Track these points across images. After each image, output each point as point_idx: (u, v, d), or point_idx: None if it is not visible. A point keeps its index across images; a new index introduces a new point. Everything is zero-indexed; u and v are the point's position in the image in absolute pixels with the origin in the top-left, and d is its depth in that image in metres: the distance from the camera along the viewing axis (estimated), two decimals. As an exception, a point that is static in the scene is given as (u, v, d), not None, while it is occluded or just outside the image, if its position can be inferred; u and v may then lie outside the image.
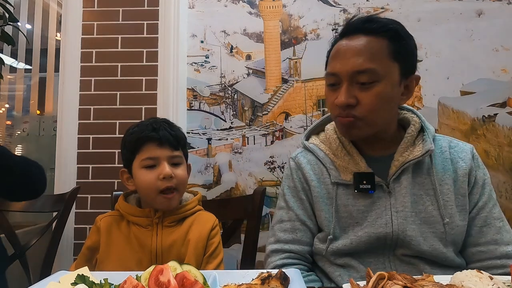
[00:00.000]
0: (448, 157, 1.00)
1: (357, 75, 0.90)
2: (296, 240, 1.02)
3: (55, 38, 2.87)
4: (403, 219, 0.94)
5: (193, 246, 1.06)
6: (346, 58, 0.91)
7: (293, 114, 2.06)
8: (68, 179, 1.97)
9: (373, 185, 0.96)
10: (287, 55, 2.09)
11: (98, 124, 2.02)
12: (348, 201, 0.98)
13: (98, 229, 1.08)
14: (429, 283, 0.63)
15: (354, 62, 0.90)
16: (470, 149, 1.02)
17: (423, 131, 1.01)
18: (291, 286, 0.69)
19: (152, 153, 1.04)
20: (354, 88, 0.91)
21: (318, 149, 1.05)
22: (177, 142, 1.07)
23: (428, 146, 0.96)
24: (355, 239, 0.96)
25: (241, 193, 2.01)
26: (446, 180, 0.97)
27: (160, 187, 1.03)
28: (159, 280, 0.64)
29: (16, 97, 3.06)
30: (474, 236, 0.96)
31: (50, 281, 0.71)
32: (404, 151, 0.97)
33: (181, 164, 1.09)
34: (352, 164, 0.99)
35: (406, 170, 0.96)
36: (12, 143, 3.00)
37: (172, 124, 1.12)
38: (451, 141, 1.05)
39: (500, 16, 2.00)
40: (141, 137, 1.05)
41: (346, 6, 2.08)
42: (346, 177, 0.99)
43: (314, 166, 1.04)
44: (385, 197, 0.96)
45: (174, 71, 2.03)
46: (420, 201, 0.96)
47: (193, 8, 2.13)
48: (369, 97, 0.90)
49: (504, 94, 1.97)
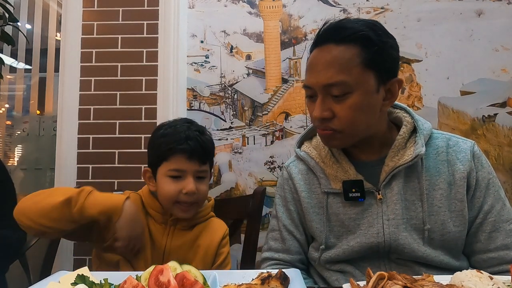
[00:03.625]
0: (444, 159, 0.95)
1: (329, 88, 0.87)
2: (285, 249, 1.03)
3: (55, 38, 2.87)
4: (394, 228, 0.91)
5: (202, 253, 1.07)
6: (317, 70, 0.88)
7: (293, 114, 2.06)
8: (68, 179, 1.97)
9: (362, 192, 0.93)
10: (287, 55, 2.09)
11: (98, 124, 2.02)
12: (339, 210, 0.96)
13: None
14: (429, 283, 0.63)
15: (324, 75, 0.87)
16: (469, 148, 0.95)
17: (416, 131, 0.95)
18: (291, 286, 0.69)
19: (180, 165, 1.03)
20: (329, 100, 0.88)
21: (309, 157, 1.03)
22: (207, 155, 1.06)
23: (418, 150, 0.91)
24: (347, 249, 0.94)
25: (241, 193, 2.01)
26: (440, 184, 0.92)
27: (180, 199, 1.03)
28: (159, 280, 0.64)
29: (16, 97, 3.06)
30: (483, 242, 0.92)
31: (50, 281, 0.71)
32: (395, 155, 0.93)
33: (206, 178, 1.08)
34: (341, 172, 0.96)
35: (397, 175, 0.92)
36: (12, 143, 3.00)
37: (204, 133, 1.09)
38: (449, 139, 0.98)
39: (500, 16, 2.00)
40: (172, 147, 1.03)
41: (346, 6, 2.08)
42: (335, 185, 0.96)
43: (305, 176, 1.03)
44: (377, 204, 0.94)
45: (174, 71, 2.03)
46: (411, 207, 0.92)
47: (193, 8, 2.13)
48: (344, 109, 0.87)
49: (504, 94, 1.96)
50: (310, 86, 0.91)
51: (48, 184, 2.69)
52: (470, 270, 0.66)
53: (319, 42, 0.91)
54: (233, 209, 1.44)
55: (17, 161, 2.91)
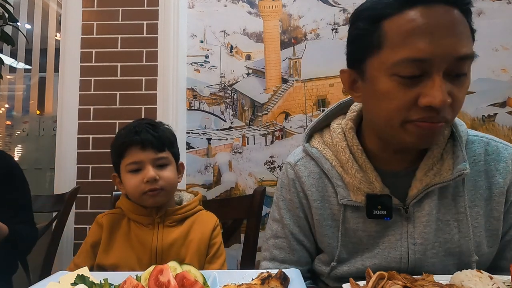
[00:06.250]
0: (482, 169, 0.79)
1: (459, 63, 0.66)
2: (294, 261, 0.89)
3: (54, 38, 2.87)
4: (421, 254, 0.77)
5: (195, 247, 1.06)
6: (443, 36, 0.64)
7: (293, 114, 2.05)
8: (68, 179, 1.97)
9: (389, 210, 0.77)
10: (287, 55, 2.09)
11: (98, 124, 2.02)
12: (358, 226, 0.81)
13: (100, 226, 1.09)
14: (429, 283, 0.63)
15: (459, 44, 0.65)
16: (511, 155, 0.80)
17: (454, 139, 0.79)
18: (291, 286, 0.68)
19: (136, 157, 1.04)
20: (446, 81, 0.66)
21: (323, 157, 0.86)
22: (162, 143, 1.06)
23: (461, 167, 0.75)
24: (361, 269, 0.80)
25: (241, 193, 2.01)
26: (477, 201, 0.78)
27: (144, 189, 1.03)
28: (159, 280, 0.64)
29: (15, 97, 3.06)
30: (509, 260, 0.80)
31: (50, 281, 0.71)
32: (429, 170, 0.77)
33: (168, 165, 1.08)
34: (365, 183, 0.79)
35: (431, 193, 0.77)
36: (12, 143, 3.00)
37: (156, 125, 1.10)
38: (488, 143, 0.82)
39: (500, 16, 2.00)
40: (124, 142, 1.06)
41: (346, 6, 2.08)
42: (356, 197, 0.80)
43: (317, 181, 0.86)
44: (401, 222, 0.79)
45: (173, 71, 2.03)
46: (446, 228, 0.78)
47: (193, 8, 2.13)
48: (462, 93, 0.68)
49: (504, 94, 1.97)
50: (427, 59, 0.65)
51: (48, 184, 2.69)
52: (470, 270, 0.66)
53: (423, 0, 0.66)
54: (233, 209, 1.44)
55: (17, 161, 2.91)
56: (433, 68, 0.65)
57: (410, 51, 0.65)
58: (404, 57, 0.66)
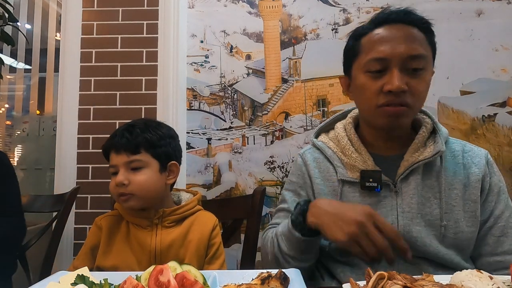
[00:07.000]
0: (460, 162, 0.98)
1: (411, 60, 0.89)
2: None
3: (54, 38, 2.87)
4: (408, 220, 0.93)
5: (194, 248, 1.05)
6: (398, 42, 0.89)
7: (293, 114, 2.06)
8: (68, 179, 1.97)
9: (379, 183, 0.95)
10: (287, 55, 2.09)
11: (98, 124, 2.02)
12: (354, 199, 0.97)
13: (99, 228, 1.09)
14: (429, 283, 0.63)
15: (409, 46, 0.89)
16: (484, 154, 1.00)
17: (435, 132, 1.00)
18: (291, 286, 0.69)
19: (112, 161, 1.06)
20: (403, 74, 0.89)
21: (326, 146, 1.05)
22: (135, 146, 1.04)
23: (439, 147, 0.95)
24: None
25: (241, 193, 2.01)
26: (456, 185, 0.95)
27: (117, 193, 1.04)
28: (159, 280, 0.64)
29: (15, 97, 3.06)
30: (491, 245, 0.95)
31: (50, 281, 0.71)
32: (414, 152, 0.96)
33: (143, 168, 1.05)
34: (360, 162, 0.98)
35: (415, 170, 0.95)
36: (12, 143, 3.00)
37: (134, 127, 1.08)
38: (465, 145, 1.03)
39: (500, 16, 2.00)
40: (105, 147, 1.08)
41: (346, 6, 2.08)
42: (353, 174, 0.98)
43: (320, 164, 1.05)
44: (392, 197, 0.95)
45: (173, 71, 2.03)
46: (427, 203, 0.94)
47: (193, 8, 2.13)
48: (421, 84, 0.90)
49: (504, 94, 1.97)
50: (386, 58, 0.90)
51: (48, 184, 2.70)
52: (470, 270, 0.66)
53: (389, 20, 0.94)
54: (233, 209, 1.44)
55: (17, 161, 2.91)
56: (391, 64, 0.89)
57: (375, 53, 0.92)
58: (371, 58, 0.92)
